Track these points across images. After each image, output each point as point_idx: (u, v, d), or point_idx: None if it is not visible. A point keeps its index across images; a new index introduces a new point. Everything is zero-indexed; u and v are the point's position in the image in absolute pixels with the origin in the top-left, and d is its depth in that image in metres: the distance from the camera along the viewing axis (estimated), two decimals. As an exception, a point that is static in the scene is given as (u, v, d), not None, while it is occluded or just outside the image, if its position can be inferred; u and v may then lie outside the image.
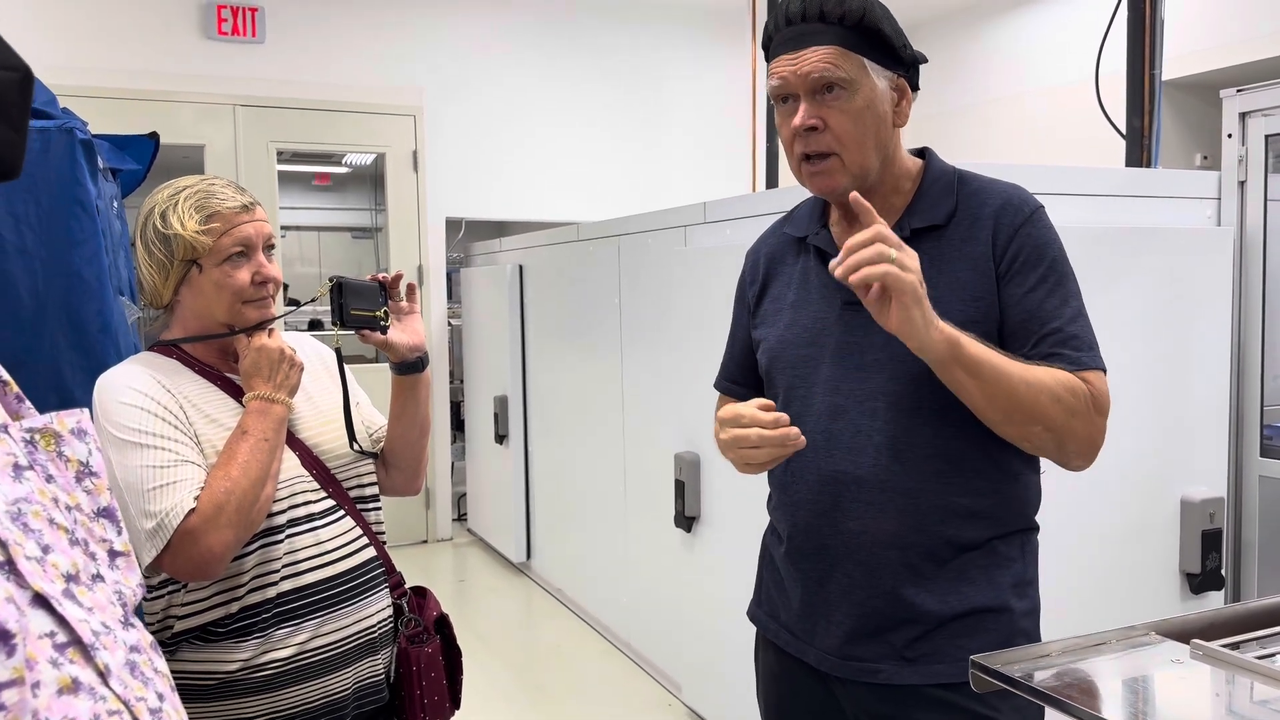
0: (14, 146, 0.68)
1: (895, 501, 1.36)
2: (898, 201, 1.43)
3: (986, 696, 1.33)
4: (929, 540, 1.36)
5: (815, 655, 1.44)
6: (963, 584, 1.37)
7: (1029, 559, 1.43)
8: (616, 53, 6.05)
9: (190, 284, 1.50)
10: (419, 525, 5.73)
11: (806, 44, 1.34)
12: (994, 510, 1.38)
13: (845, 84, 1.34)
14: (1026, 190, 1.42)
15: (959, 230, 1.38)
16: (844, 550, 1.40)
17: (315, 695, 1.49)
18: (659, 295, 3.53)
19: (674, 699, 3.54)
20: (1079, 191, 2.40)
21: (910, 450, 1.35)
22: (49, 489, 0.66)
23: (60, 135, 1.82)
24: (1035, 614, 1.43)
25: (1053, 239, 1.38)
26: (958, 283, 1.35)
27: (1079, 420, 1.29)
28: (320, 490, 1.55)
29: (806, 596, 1.45)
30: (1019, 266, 1.34)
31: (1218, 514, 2.48)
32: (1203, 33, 4.57)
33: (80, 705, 0.58)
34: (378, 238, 6.87)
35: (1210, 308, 2.51)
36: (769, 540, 1.57)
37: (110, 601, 0.66)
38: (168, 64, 5.08)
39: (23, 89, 0.68)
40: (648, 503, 3.69)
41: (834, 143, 1.35)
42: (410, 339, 1.65)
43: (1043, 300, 1.33)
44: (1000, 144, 5.85)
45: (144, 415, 1.41)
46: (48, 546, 0.63)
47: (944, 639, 1.36)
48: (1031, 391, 1.26)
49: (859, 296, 1.23)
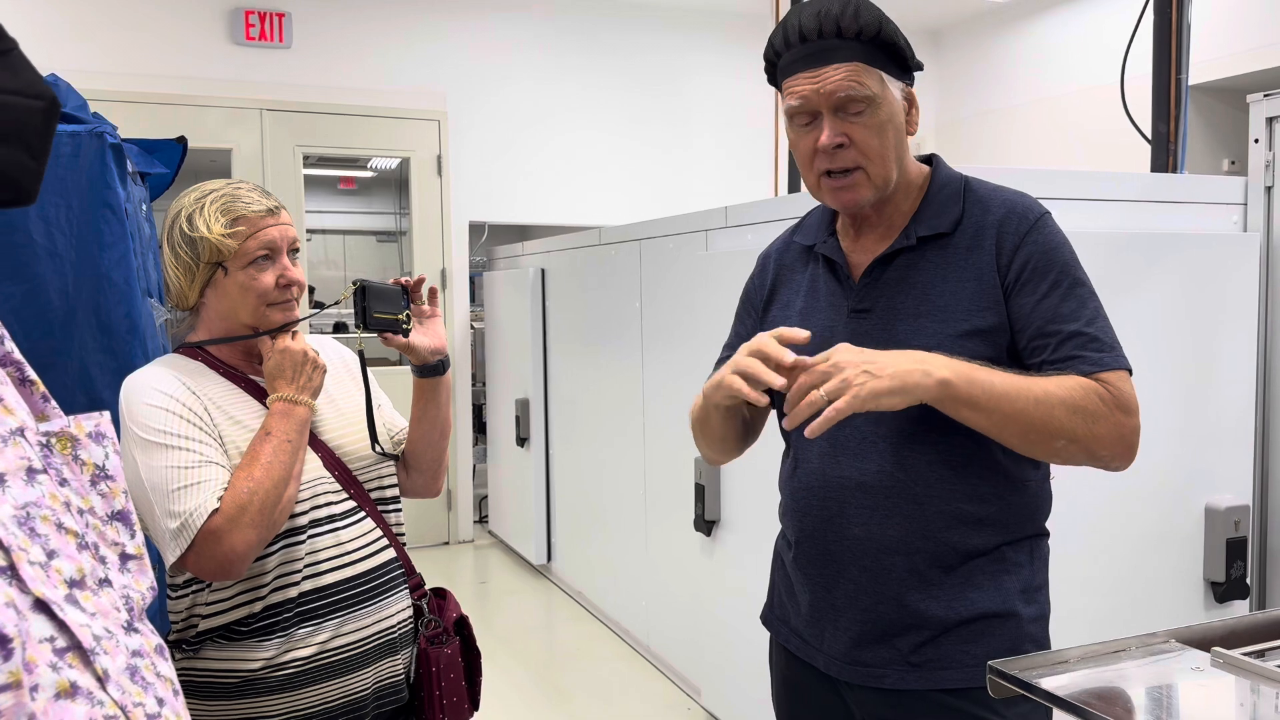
0: (32, 174, 0.69)
1: (901, 508, 1.35)
2: (906, 208, 1.43)
3: (992, 703, 1.32)
4: (935, 546, 1.35)
5: (824, 660, 1.44)
6: (970, 589, 1.36)
7: (1038, 565, 1.42)
8: (639, 57, 6.06)
9: (215, 286, 1.52)
10: (440, 527, 5.75)
11: (827, 61, 1.33)
12: (1002, 517, 1.37)
13: (869, 100, 1.33)
14: (1032, 198, 1.41)
15: (965, 239, 1.37)
16: (849, 556, 1.39)
17: (335, 695, 1.51)
18: (680, 299, 3.54)
19: (693, 702, 3.54)
20: (1103, 196, 2.38)
21: (916, 457, 1.35)
22: (61, 492, 0.67)
23: (91, 139, 1.84)
24: (1044, 620, 1.42)
25: (1061, 243, 1.36)
26: (964, 292, 1.35)
27: (1102, 425, 1.27)
28: (342, 491, 1.56)
29: (814, 602, 1.45)
30: (1028, 275, 1.33)
31: (1243, 522, 2.45)
32: (1230, 37, 4.52)
33: (77, 710, 0.59)
34: (402, 241, 6.91)
35: (1236, 314, 2.48)
36: (780, 545, 1.57)
37: (115, 607, 0.67)
38: (196, 69, 5.13)
39: (46, 118, 0.69)
40: (668, 506, 3.69)
41: (859, 158, 1.35)
42: (432, 342, 1.66)
43: (1057, 305, 1.32)
44: (1025, 149, 5.82)
45: (169, 416, 1.43)
46: (53, 551, 0.63)
47: (951, 644, 1.36)
48: (1043, 408, 1.25)
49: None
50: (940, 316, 1.35)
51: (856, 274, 1.43)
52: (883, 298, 1.39)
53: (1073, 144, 5.45)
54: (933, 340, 1.33)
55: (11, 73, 0.67)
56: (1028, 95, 5.82)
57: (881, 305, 1.39)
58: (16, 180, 0.68)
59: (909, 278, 1.38)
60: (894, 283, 1.39)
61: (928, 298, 1.36)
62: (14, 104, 0.66)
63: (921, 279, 1.38)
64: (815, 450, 1.42)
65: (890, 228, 1.43)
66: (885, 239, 1.43)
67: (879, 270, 1.41)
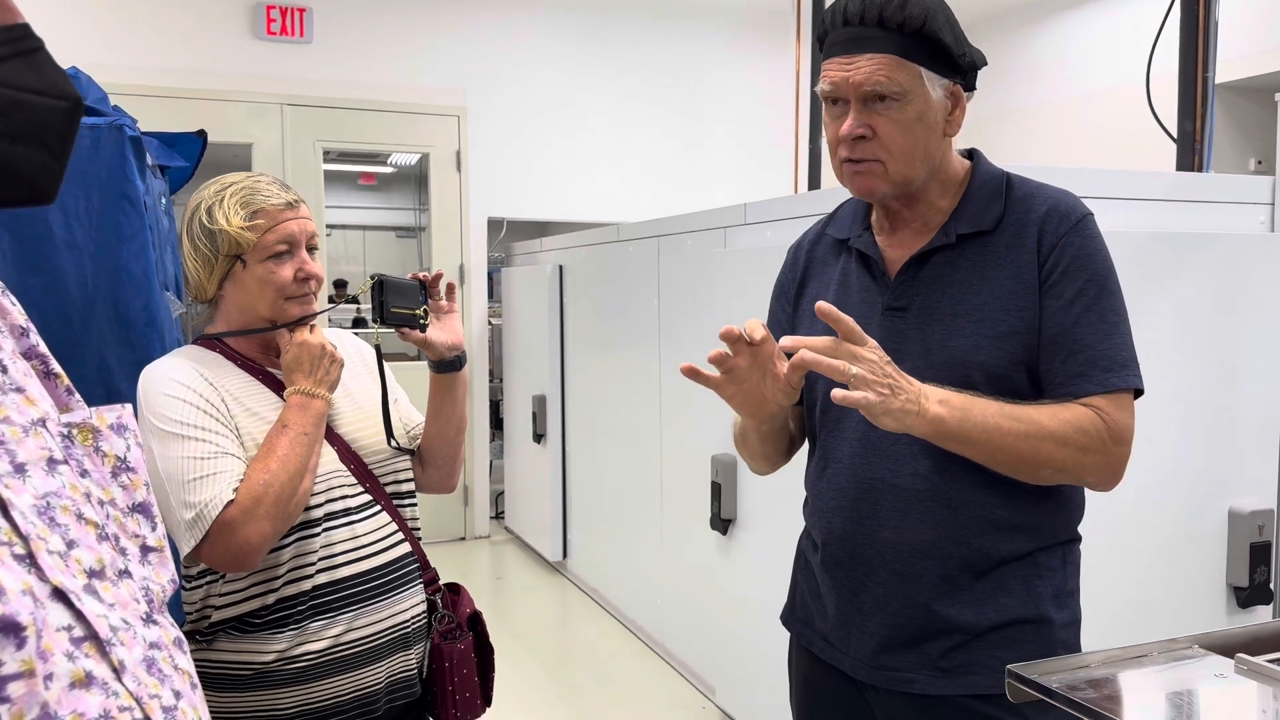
0: (52, 174, 0.69)
1: (935, 512, 1.33)
2: (945, 204, 1.39)
3: (1022, 708, 1.30)
4: (967, 551, 1.33)
5: (850, 664, 1.42)
6: (1001, 594, 1.33)
7: (1070, 570, 1.40)
8: (659, 52, 6.05)
9: (234, 279, 1.52)
10: (457, 522, 5.76)
11: (863, 49, 1.30)
12: (1035, 523, 1.35)
13: (898, 95, 1.30)
14: (1075, 196, 1.37)
15: (1005, 237, 1.34)
16: (879, 560, 1.37)
17: (348, 688, 1.50)
18: (698, 296, 3.52)
19: (708, 701, 3.53)
20: (1128, 195, 2.36)
21: (950, 460, 1.31)
22: (82, 483, 0.67)
23: (110, 132, 1.85)
24: (1076, 626, 1.40)
25: (1098, 249, 1.33)
26: (1003, 291, 1.32)
27: (1092, 456, 1.27)
28: (357, 485, 1.56)
29: (841, 605, 1.42)
30: (1059, 276, 1.31)
31: (1267, 526, 2.42)
32: (1258, 36, 4.47)
33: (91, 700, 0.59)
34: (421, 237, 6.93)
35: (1262, 315, 2.45)
36: (804, 545, 1.55)
37: (134, 598, 0.67)
38: (218, 63, 5.16)
39: (68, 119, 0.69)
40: (684, 504, 3.68)
41: (880, 150, 1.32)
42: (449, 337, 1.66)
43: (1080, 315, 1.29)
44: (1050, 147, 5.77)
45: (185, 407, 1.43)
46: (73, 541, 0.63)
47: (981, 650, 1.33)
48: (1032, 444, 1.24)
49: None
50: (977, 316, 1.32)
51: (892, 270, 1.40)
52: (919, 296, 1.36)
53: (1095, 145, 5.40)
54: (968, 341, 1.31)
55: (37, 72, 0.67)
56: (1051, 95, 5.77)
57: (918, 304, 1.36)
58: (37, 180, 0.68)
59: (946, 276, 1.35)
60: (931, 281, 1.36)
61: (965, 297, 1.33)
62: (38, 104, 0.66)
63: (960, 277, 1.34)
64: (846, 450, 1.40)
65: (927, 224, 1.40)
66: (922, 235, 1.39)
67: (916, 268, 1.38)
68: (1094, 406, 1.27)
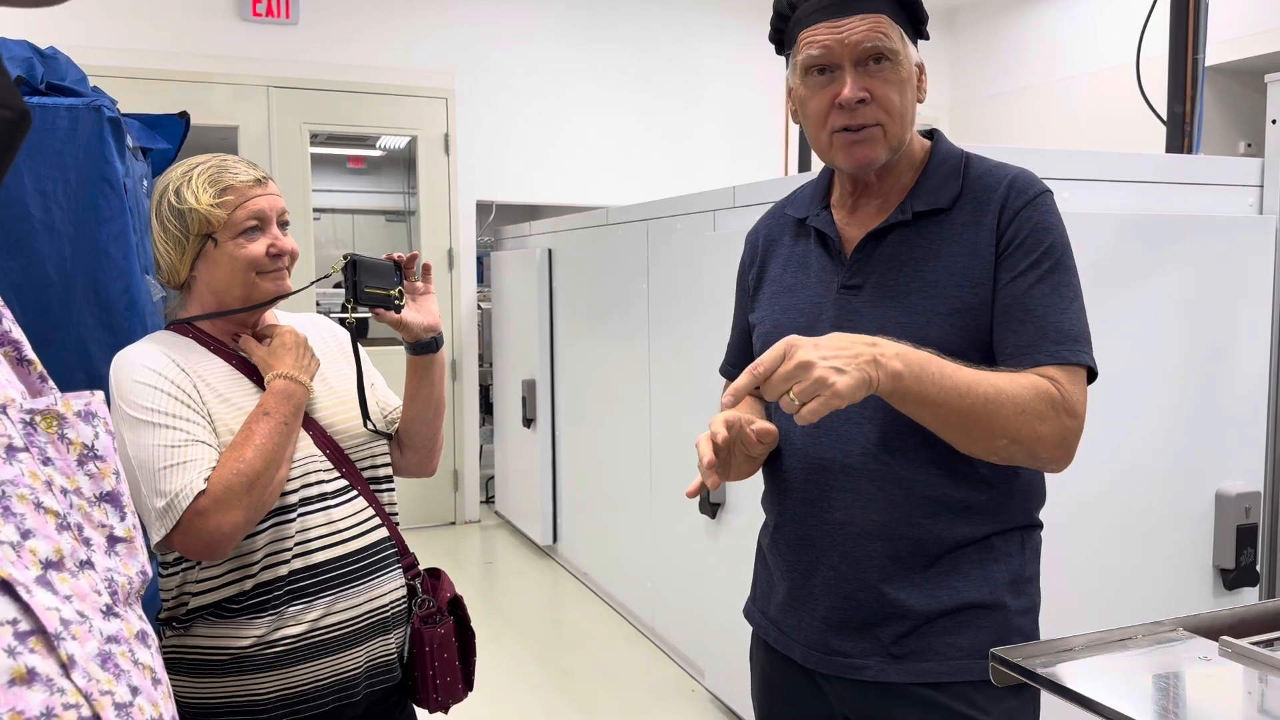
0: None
1: (885, 492, 1.31)
2: (905, 181, 1.38)
3: (975, 697, 1.29)
4: (919, 534, 1.30)
5: (800, 651, 1.39)
6: (954, 578, 1.31)
7: (1029, 556, 1.37)
8: (649, 35, 6.01)
9: (206, 259, 1.50)
10: (447, 507, 5.76)
11: (851, 11, 1.28)
12: (992, 506, 1.32)
13: (892, 54, 1.29)
14: (1034, 174, 1.36)
15: (962, 214, 1.33)
16: (829, 542, 1.35)
17: (326, 673, 1.49)
18: (687, 279, 3.51)
19: (697, 684, 3.54)
20: (1117, 177, 2.34)
21: (903, 440, 1.29)
22: (44, 471, 0.65)
23: (88, 113, 1.82)
24: (1033, 613, 1.37)
25: (1054, 224, 1.31)
26: (958, 268, 1.30)
27: (1047, 426, 1.22)
28: (333, 470, 1.55)
29: (793, 589, 1.40)
30: (1014, 249, 1.29)
31: (1254, 508, 2.42)
32: (1248, 17, 4.45)
33: (33, 697, 0.57)
34: (410, 221, 6.89)
35: (1251, 297, 2.45)
36: (760, 534, 1.53)
37: (95, 590, 0.65)
38: (202, 45, 5.11)
39: (11, 130, 0.66)
40: (674, 488, 3.67)
41: (880, 114, 1.30)
42: (425, 319, 1.64)
43: (1031, 286, 1.27)
44: (1039, 129, 5.76)
45: (157, 394, 1.42)
46: (29, 531, 0.61)
47: (934, 635, 1.31)
48: (991, 406, 1.19)
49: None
50: (931, 293, 1.30)
51: (849, 249, 1.38)
52: (874, 274, 1.35)
53: (1085, 128, 5.39)
54: (921, 318, 1.29)
55: None
56: (1041, 78, 5.75)
57: (873, 282, 1.34)
58: None
59: (902, 254, 1.34)
60: (886, 258, 1.34)
61: (919, 274, 1.32)
62: None
63: (915, 255, 1.33)
64: (797, 430, 1.38)
65: (886, 202, 1.38)
66: (881, 213, 1.38)
67: (872, 245, 1.36)
68: (1048, 376, 1.24)
